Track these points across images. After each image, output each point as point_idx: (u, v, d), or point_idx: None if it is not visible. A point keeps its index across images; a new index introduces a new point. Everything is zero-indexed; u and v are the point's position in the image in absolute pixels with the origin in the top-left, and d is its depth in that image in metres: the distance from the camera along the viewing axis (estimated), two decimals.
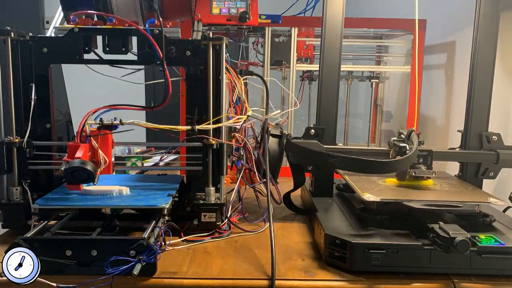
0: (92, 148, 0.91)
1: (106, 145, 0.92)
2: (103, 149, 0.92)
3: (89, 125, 0.91)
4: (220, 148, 0.99)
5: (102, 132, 0.91)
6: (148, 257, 0.79)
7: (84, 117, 0.90)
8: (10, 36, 0.93)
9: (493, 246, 0.82)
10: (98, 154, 0.91)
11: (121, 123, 0.93)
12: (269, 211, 0.98)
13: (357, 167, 0.95)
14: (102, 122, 0.92)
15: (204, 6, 1.07)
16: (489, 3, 1.09)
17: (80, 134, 0.89)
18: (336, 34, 1.10)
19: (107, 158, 0.92)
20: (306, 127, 1.11)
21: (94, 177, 0.86)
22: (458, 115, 1.49)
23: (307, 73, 1.97)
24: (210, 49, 0.96)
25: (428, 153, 1.03)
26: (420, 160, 1.02)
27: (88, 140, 0.90)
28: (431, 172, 1.02)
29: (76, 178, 0.86)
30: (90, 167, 0.85)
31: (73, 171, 0.85)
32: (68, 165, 0.84)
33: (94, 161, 0.90)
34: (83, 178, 0.86)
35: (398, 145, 1.02)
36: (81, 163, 0.84)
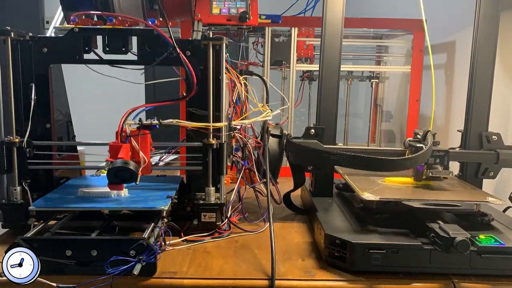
0: (133, 148, 0.91)
1: (145, 145, 0.93)
2: (142, 149, 0.92)
3: (128, 125, 0.91)
4: (220, 148, 0.99)
5: (141, 132, 0.92)
6: (148, 257, 0.79)
7: (123, 116, 0.90)
8: (10, 36, 0.93)
9: (493, 246, 0.82)
10: (138, 154, 0.91)
11: (160, 123, 0.93)
12: (269, 211, 0.98)
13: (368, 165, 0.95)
14: (142, 122, 0.92)
15: (204, 6, 1.07)
16: (489, 3, 1.09)
17: (120, 134, 0.89)
18: (336, 34, 1.10)
19: (146, 158, 0.92)
20: (306, 127, 1.11)
21: (137, 176, 0.87)
22: (458, 115, 1.49)
23: (307, 73, 1.97)
24: (210, 49, 0.96)
25: (445, 153, 1.02)
26: (436, 161, 1.02)
27: (128, 140, 0.90)
28: (448, 172, 1.01)
29: (119, 178, 0.86)
30: (133, 167, 0.86)
31: (117, 171, 0.85)
32: (112, 165, 0.85)
33: (135, 161, 0.90)
34: (126, 178, 0.87)
35: (415, 145, 1.02)
36: (124, 163, 0.85)
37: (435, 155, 1.01)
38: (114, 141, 0.90)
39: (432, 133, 1.02)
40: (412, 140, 1.07)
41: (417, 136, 1.07)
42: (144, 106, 0.93)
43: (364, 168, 0.96)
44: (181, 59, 0.93)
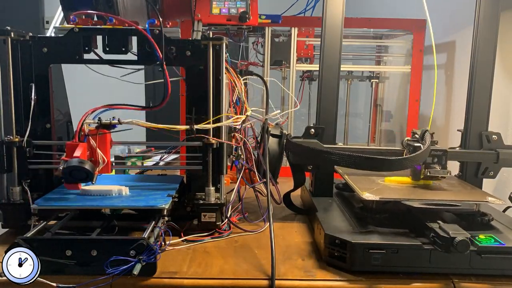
0: (91, 147, 0.91)
1: (105, 144, 0.92)
2: (102, 149, 0.91)
3: (87, 125, 0.91)
4: (220, 147, 0.99)
5: (100, 131, 0.91)
6: (148, 257, 0.79)
7: (83, 116, 0.90)
8: (10, 36, 0.93)
9: (493, 246, 0.82)
10: (96, 153, 0.91)
11: (119, 122, 0.93)
12: (269, 211, 0.98)
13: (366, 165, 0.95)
14: (101, 122, 0.92)
15: (204, 6, 1.07)
16: (489, 3, 1.09)
17: (78, 133, 0.89)
18: (336, 34, 1.10)
19: (106, 157, 0.92)
20: (306, 127, 1.11)
21: (93, 176, 0.86)
22: (458, 115, 1.49)
23: (307, 73, 1.97)
24: (210, 49, 0.96)
25: (443, 152, 1.02)
26: (434, 160, 1.02)
27: (86, 140, 0.90)
28: (446, 172, 1.01)
29: (74, 177, 0.86)
30: (88, 166, 0.85)
31: (71, 170, 0.85)
32: (66, 164, 0.84)
33: (93, 161, 0.90)
34: (81, 177, 0.86)
35: (413, 145, 1.02)
36: (79, 162, 0.84)
37: (433, 154, 1.01)
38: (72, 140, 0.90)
39: (430, 133, 1.02)
40: (410, 139, 1.07)
41: (415, 135, 1.07)
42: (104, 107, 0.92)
43: (362, 168, 0.96)
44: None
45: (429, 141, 0.99)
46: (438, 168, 1.02)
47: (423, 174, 1.02)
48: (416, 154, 0.96)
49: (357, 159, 0.94)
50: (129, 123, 0.93)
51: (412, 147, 1.02)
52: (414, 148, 1.01)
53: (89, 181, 0.87)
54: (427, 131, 1.02)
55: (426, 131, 1.03)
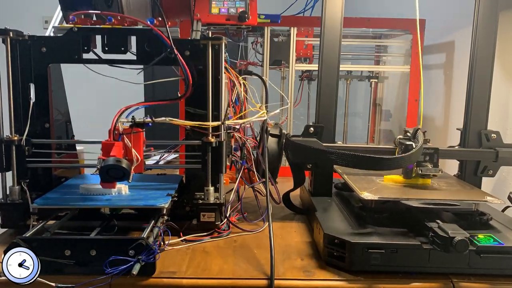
0: (125, 146, 0.91)
1: (138, 143, 0.92)
2: (135, 147, 0.92)
3: (121, 123, 0.90)
4: (219, 146, 0.99)
5: (134, 130, 0.91)
6: (147, 257, 0.79)
7: (116, 114, 0.90)
8: (9, 35, 0.93)
9: (492, 245, 0.82)
10: (131, 152, 0.91)
11: (152, 121, 0.93)
12: (268, 210, 0.98)
13: (361, 164, 0.95)
14: (135, 120, 0.92)
15: (203, 5, 1.07)
16: (488, 3, 1.09)
17: (112, 132, 0.89)
18: (335, 34, 1.10)
19: (139, 156, 0.92)
20: (305, 125, 1.11)
21: (129, 174, 0.87)
22: (457, 115, 1.49)
23: (306, 73, 1.96)
24: (209, 48, 0.96)
25: (434, 151, 1.03)
26: (426, 158, 1.02)
27: (121, 138, 0.90)
28: (437, 170, 1.02)
29: (111, 176, 0.86)
30: (126, 165, 0.85)
31: (109, 169, 0.85)
32: (103, 163, 0.84)
33: (127, 159, 0.90)
34: (118, 176, 0.86)
35: (404, 143, 1.02)
36: (116, 161, 0.85)
37: (425, 152, 1.02)
38: (107, 139, 0.90)
39: (422, 131, 1.03)
40: (402, 137, 1.07)
41: (407, 134, 1.07)
42: (138, 105, 0.93)
43: (358, 167, 0.97)
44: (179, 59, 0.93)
45: (421, 140, 0.99)
46: (430, 166, 1.02)
47: (415, 172, 1.02)
48: (411, 153, 0.96)
49: (353, 158, 0.94)
50: (162, 121, 0.94)
51: (403, 145, 1.02)
52: (405, 146, 1.01)
53: (125, 180, 0.87)
54: (419, 130, 1.03)
55: (418, 129, 1.03)
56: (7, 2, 3.40)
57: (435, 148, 1.03)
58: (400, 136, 1.08)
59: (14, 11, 3.41)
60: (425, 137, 1.02)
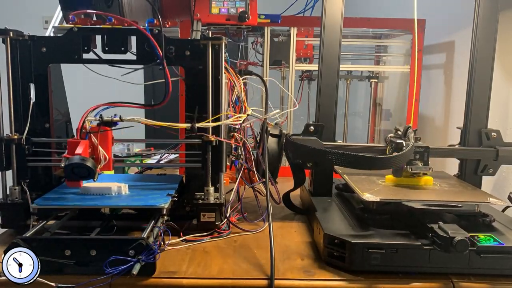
0: (92, 144, 0.91)
1: (106, 141, 0.92)
2: (103, 146, 0.91)
3: (89, 122, 0.90)
4: (219, 145, 0.98)
5: (102, 129, 0.91)
6: (147, 257, 0.79)
7: (84, 113, 0.90)
8: (9, 35, 0.93)
9: (492, 245, 0.82)
10: (98, 150, 0.91)
11: (121, 120, 0.92)
12: (268, 210, 0.98)
13: (354, 163, 0.95)
14: (102, 119, 0.92)
15: (203, 5, 1.07)
16: (488, 3, 1.09)
17: (80, 131, 0.89)
18: (335, 34, 1.10)
19: (107, 155, 0.92)
20: (305, 124, 1.11)
21: (95, 173, 0.86)
22: (458, 114, 1.49)
23: (306, 73, 1.96)
24: (209, 48, 0.96)
25: (424, 149, 1.03)
26: (416, 156, 1.02)
27: (88, 137, 0.90)
28: (428, 168, 1.02)
29: (76, 175, 0.86)
30: (90, 163, 0.85)
31: (73, 168, 0.85)
32: (68, 161, 0.84)
33: (94, 158, 0.90)
34: (83, 175, 0.86)
35: (395, 141, 1.02)
36: (81, 160, 0.84)
37: (415, 151, 1.02)
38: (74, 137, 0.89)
39: (412, 129, 1.03)
40: (393, 136, 1.07)
41: (397, 132, 1.07)
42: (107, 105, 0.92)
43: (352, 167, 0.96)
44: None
45: (413, 138, 0.99)
46: (420, 164, 1.02)
47: (405, 170, 1.02)
48: (404, 152, 0.96)
49: (348, 157, 0.94)
50: (131, 121, 0.93)
51: (394, 144, 1.02)
52: (396, 144, 1.01)
53: (90, 179, 0.87)
54: (409, 128, 1.03)
55: (408, 127, 1.03)
56: (7, 2, 3.40)
57: (425, 146, 1.03)
58: (391, 135, 1.08)
59: (14, 11, 3.41)
60: (416, 135, 1.02)
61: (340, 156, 0.94)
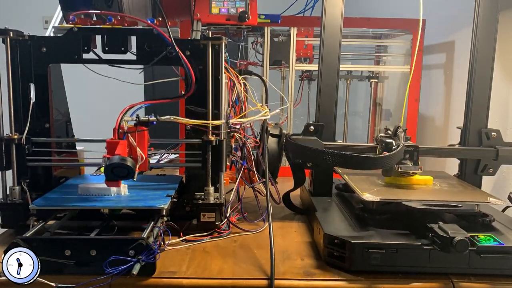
0: (130, 144, 0.91)
1: (143, 141, 0.92)
2: (140, 146, 0.91)
3: (126, 122, 0.90)
4: (219, 145, 0.98)
5: (139, 129, 0.91)
6: (147, 257, 0.79)
7: (120, 113, 0.89)
8: (9, 35, 0.93)
9: (492, 245, 0.82)
10: (136, 150, 0.91)
11: (157, 119, 0.93)
12: (268, 211, 0.98)
13: (347, 163, 0.95)
14: (139, 119, 0.92)
15: (203, 5, 1.07)
16: (488, 3, 1.09)
17: (117, 131, 0.89)
18: (335, 34, 1.10)
19: (144, 155, 0.92)
20: (305, 124, 1.11)
21: (134, 173, 0.86)
22: (458, 114, 1.49)
23: (306, 73, 1.96)
24: (209, 48, 0.96)
25: (414, 148, 1.03)
26: (406, 156, 1.02)
27: (125, 137, 0.90)
28: (417, 168, 1.02)
29: (116, 175, 0.86)
30: (130, 163, 0.85)
31: (113, 168, 0.85)
32: (108, 161, 0.84)
33: (132, 158, 0.90)
34: (123, 175, 0.86)
35: (385, 140, 1.02)
36: (121, 160, 0.85)
37: (405, 150, 1.02)
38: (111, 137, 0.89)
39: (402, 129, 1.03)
40: (383, 135, 1.07)
41: (387, 131, 1.07)
42: (142, 103, 0.93)
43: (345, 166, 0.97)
44: (180, 58, 0.93)
45: (403, 138, 0.99)
46: (410, 164, 1.02)
47: (395, 169, 1.02)
48: (395, 152, 0.96)
49: (340, 157, 0.94)
50: (166, 120, 0.94)
51: (384, 143, 1.02)
52: (385, 144, 1.01)
53: (130, 178, 0.87)
54: (399, 127, 1.03)
55: (398, 127, 1.03)
56: (7, 2, 3.40)
57: (415, 145, 1.03)
58: (381, 134, 1.08)
59: (14, 11, 3.41)
60: (405, 134, 1.02)
61: (334, 156, 0.94)
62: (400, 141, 0.99)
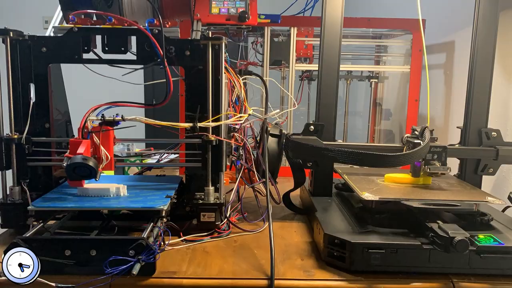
0: (94, 144, 0.91)
1: (108, 141, 0.92)
2: (105, 146, 0.91)
3: (91, 121, 0.90)
4: (219, 145, 0.98)
5: (103, 128, 0.91)
6: (147, 257, 0.79)
7: (86, 113, 0.89)
8: (9, 35, 0.93)
9: (492, 245, 0.82)
10: (100, 150, 0.91)
11: (122, 119, 0.93)
12: (268, 211, 0.98)
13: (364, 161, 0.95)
14: (104, 118, 0.91)
15: (203, 5, 1.07)
16: (488, 3, 1.09)
17: (82, 130, 0.89)
18: (335, 34, 1.10)
19: (109, 155, 0.92)
20: (305, 123, 1.11)
21: (96, 173, 0.86)
22: (458, 114, 1.49)
23: (306, 73, 1.96)
24: (209, 48, 0.96)
25: (442, 149, 1.02)
26: (434, 156, 1.02)
27: (89, 136, 0.90)
28: (446, 168, 1.01)
29: (78, 174, 0.86)
30: (92, 163, 0.85)
31: (75, 167, 0.85)
32: (70, 161, 0.84)
33: (96, 158, 0.90)
34: (85, 174, 0.86)
35: (412, 141, 1.02)
36: (83, 159, 0.84)
37: (433, 151, 1.01)
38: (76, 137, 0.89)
39: (429, 129, 1.02)
40: (410, 136, 1.07)
41: (414, 132, 1.07)
42: (107, 105, 0.92)
43: (359, 164, 0.97)
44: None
45: (428, 138, 0.99)
46: (438, 164, 1.01)
47: (423, 170, 1.02)
48: (414, 150, 0.96)
49: (356, 155, 0.94)
50: (133, 120, 0.93)
51: (412, 144, 1.02)
52: (413, 144, 1.01)
53: (92, 178, 0.87)
54: (426, 128, 1.03)
55: (425, 127, 1.03)
56: (7, 2, 3.40)
57: (443, 146, 1.02)
58: (408, 135, 1.08)
59: (14, 11, 3.41)
60: (432, 135, 1.02)
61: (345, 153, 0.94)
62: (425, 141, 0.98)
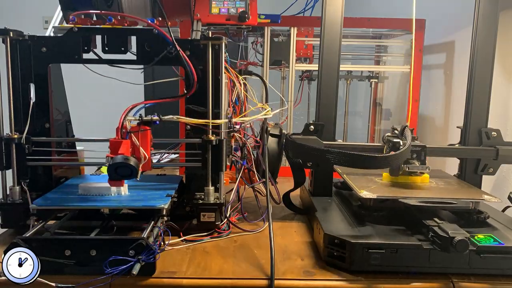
0: (133, 144, 0.91)
1: (146, 141, 0.92)
2: (143, 145, 0.91)
3: (129, 121, 0.90)
4: (219, 144, 0.99)
5: (142, 128, 0.91)
6: (147, 257, 0.79)
7: (123, 113, 0.90)
8: (9, 35, 0.93)
9: (492, 245, 0.82)
10: (139, 150, 0.91)
11: (160, 119, 0.93)
12: (268, 211, 0.98)
13: (351, 162, 0.95)
14: (142, 118, 0.92)
15: (203, 5, 1.07)
16: (488, 3, 1.09)
17: (120, 130, 0.89)
18: (335, 34, 1.10)
19: (147, 154, 0.92)
20: (305, 123, 1.11)
21: (137, 172, 0.86)
22: (458, 114, 1.49)
23: (306, 73, 1.96)
24: (209, 48, 0.96)
25: (421, 148, 1.03)
26: (413, 156, 1.02)
27: (128, 136, 0.90)
28: (425, 167, 1.02)
29: (119, 174, 0.86)
30: (134, 163, 0.85)
31: (117, 167, 0.85)
32: (112, 161, 0.84)
33: (135, 157, 0.90)
34: (126, 174, 0.86)
35: (392, 140, 1.02)
36: (124, 159, 0.85)
37: (412, 150, 1.02)
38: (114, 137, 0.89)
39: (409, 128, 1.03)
40: (390, 135, 1.07)
41: (394, 131, 1.07)
42: (144, 103, 0.93)
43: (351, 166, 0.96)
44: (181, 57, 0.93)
45: (410, 137, 0.99)
46: (417, 163, 1.02)
47: (402, 170, 1.02)
48: (401, 151, 0.96)
49: (345, 156, 0.94)
50: (170, 119, 0.94)
51: (391, 143, 1.02)
52: (393, 143, 1.01)
53: (133, 178, 0.87)
54: (406, 127, 1.03)
55: (405, 127, 1.03)
56: (7, 2, 3.40)
57: (422, 145, 1.03)
58: (388, 134, 1.08)
59: (14, 11, 3.41)
60: (413, 134, 1.02)
61: (338, 155, 0.94)
62: (407, 140, 0.99)
